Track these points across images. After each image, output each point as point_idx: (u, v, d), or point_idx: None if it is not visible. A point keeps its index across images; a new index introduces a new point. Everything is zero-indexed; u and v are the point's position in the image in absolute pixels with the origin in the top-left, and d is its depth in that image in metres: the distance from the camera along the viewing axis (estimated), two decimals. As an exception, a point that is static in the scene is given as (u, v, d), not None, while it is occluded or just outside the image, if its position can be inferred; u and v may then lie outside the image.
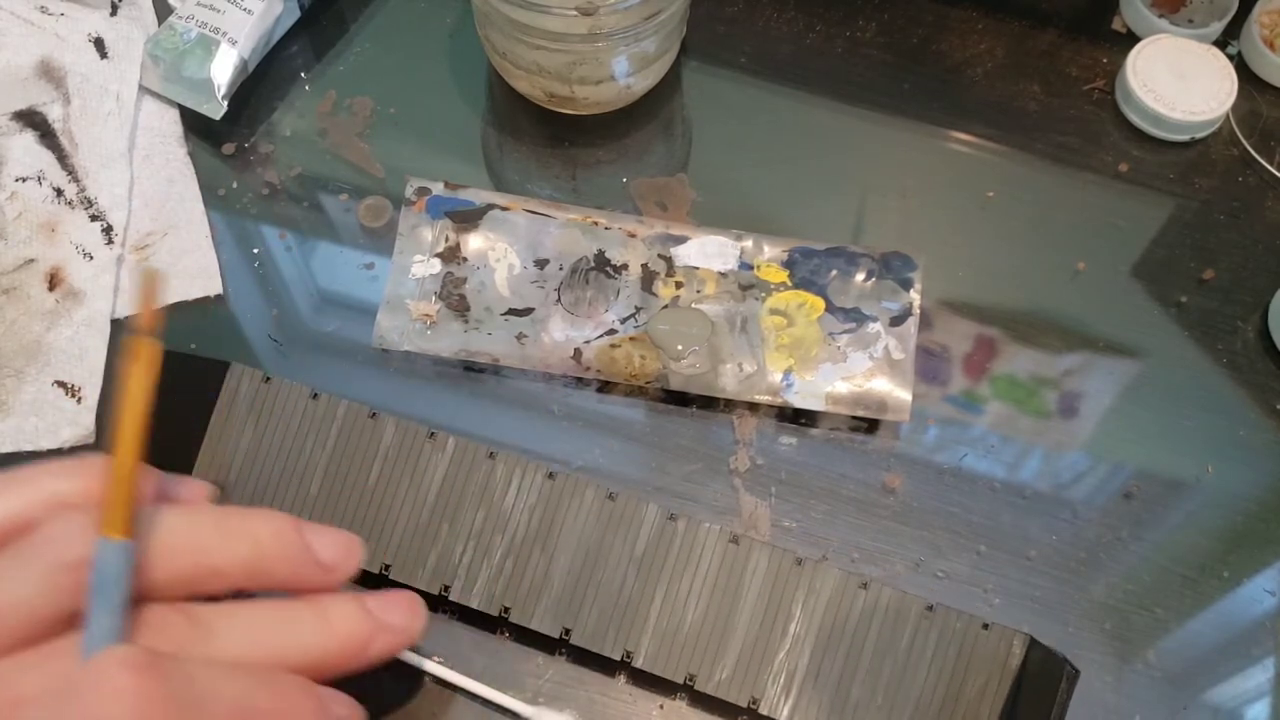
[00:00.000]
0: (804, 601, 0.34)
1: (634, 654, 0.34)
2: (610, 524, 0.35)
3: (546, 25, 0.40)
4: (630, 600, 0.35)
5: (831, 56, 0.48)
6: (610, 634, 0.34)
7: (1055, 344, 0.42)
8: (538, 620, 0.35)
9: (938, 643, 0.34)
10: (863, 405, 0.40)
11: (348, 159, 0.45)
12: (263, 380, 0.36)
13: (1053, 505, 0.39)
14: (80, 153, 0.43)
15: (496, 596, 0.35)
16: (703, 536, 0.35)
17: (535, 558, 0.35)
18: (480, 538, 0.35)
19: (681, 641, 0.34)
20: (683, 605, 0.34)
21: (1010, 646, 0.34)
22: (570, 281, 0.41)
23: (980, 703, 0.33)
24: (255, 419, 0.36)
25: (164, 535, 0.28)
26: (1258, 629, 0.37)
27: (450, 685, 0.35)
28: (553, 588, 0.35)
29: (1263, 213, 0.45)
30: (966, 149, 0.46)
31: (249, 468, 0.36)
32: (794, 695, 0.34)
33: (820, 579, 0.34)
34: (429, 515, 0.35)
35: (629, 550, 0.35)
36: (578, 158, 0.46)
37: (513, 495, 0.36)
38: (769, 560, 0.35)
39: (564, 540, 0.35)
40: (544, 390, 0.41)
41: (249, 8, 0.45)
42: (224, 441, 0.36)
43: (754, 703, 0.34)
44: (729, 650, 0.34)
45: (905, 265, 0.42)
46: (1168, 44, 0.47)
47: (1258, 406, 0.41)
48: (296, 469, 0.36)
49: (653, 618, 0.34)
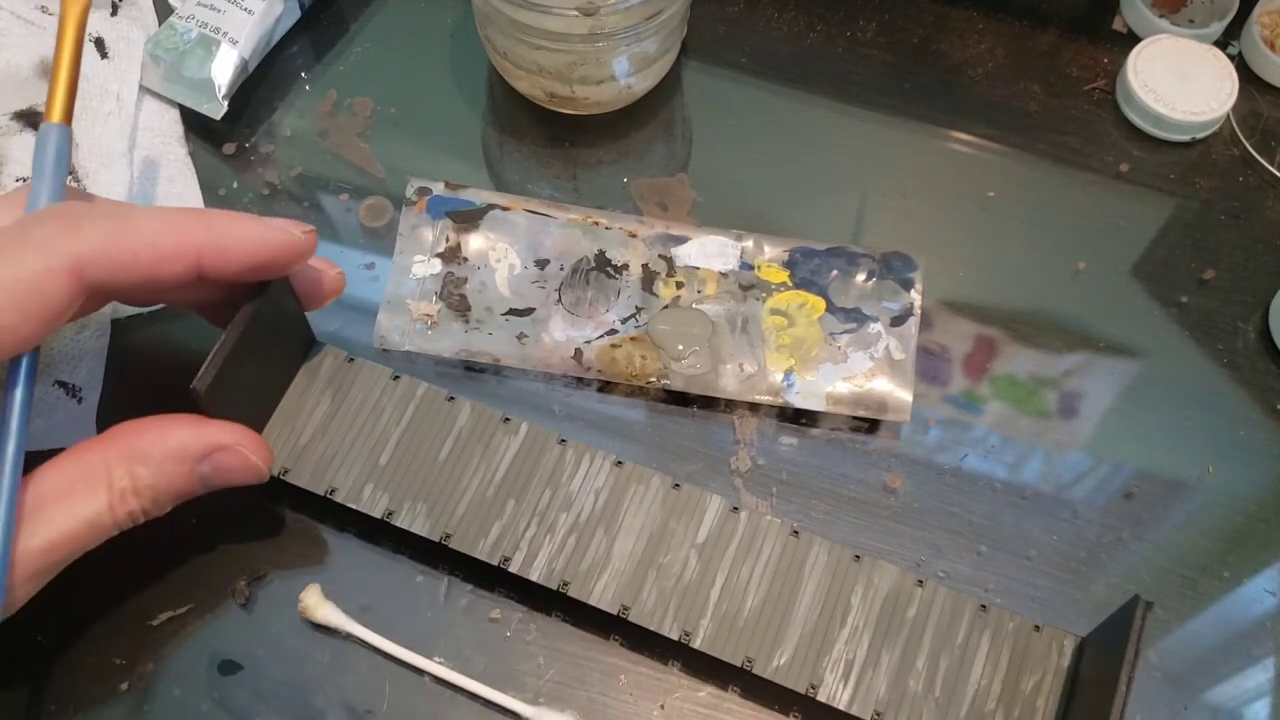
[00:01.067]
0: (862, 594, 0.35)
1: (692, 635, 0.34)
2: (674, 511, 0.36)
3: (547, 25, 0.40)
4: (690, 584, 0.35)
5: (831, 56, 0.48)
6: (669, 614, 0.34)
7: (1055, 344, 0.42)
8: (596, 596, 0.35)
9: (992, 641, 0.34)
10: (863, 405, 0.40)
11: (348, 159, 0.45)
12: (346, 360, 0.37)
13: (1053, 505, 0.39)
14: (80, 153, 0.43)
15: (557, 572, 0.35)
16: (764, 528, 0.35)
17: (598, 537, 0.35)
18: (545, 515, 0.36)
19: (740, 626, 0.34)
20: (742, 592, 0.35)
21: (1062, 646, 0.34)
22: (571, 281, 0.41)
23: (1036, 698, 0.34)
24: (333, 392, 0.37)
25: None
26: (1258, 629, 0.37)
27: (450, 685, 0.35)
28: (613, 567, 0.35)
29: (1263, 213, 0.45)
30: (967, 149, 0.46)
31: (320, 435, 0.36)
32: (852, 684, 0.34)
33: (878, 574, 0.35)
34: (495, 491, 0.36)
35: (691, 537, 0.35)
36: (578, 158, 0.46)
37: (580, 478, 0.36)
38: (828, 554, 0.35)
39: (627, 523, 0.35)
40: (545, 390, 0.41)
41: (249, 8, 0.45)
42: (300, 409, 0.37)
43: (812, 689, 0.34)
44: (787, 638, 0.34)
45: (906, 265, 0.42)
46: (1168, 44, 0.47)
47: (1258, 406, 0.41)
48: (368, 441, 0.36)
49: (712, 602, 0.35)
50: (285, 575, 0.37)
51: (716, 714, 0.35)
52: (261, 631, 0.36)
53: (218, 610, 0.36)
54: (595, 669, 0.36)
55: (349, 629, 0.35)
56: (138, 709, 0.35)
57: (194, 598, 0.36)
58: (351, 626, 0.35)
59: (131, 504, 0.31)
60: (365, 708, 0.35)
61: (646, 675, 0.36)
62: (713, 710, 0.35)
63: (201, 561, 0.37)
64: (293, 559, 0.37)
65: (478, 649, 0.36)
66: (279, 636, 0.36)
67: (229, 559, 0.37)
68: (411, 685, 0.35)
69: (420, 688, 0.35)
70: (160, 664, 0.35)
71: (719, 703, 0.35)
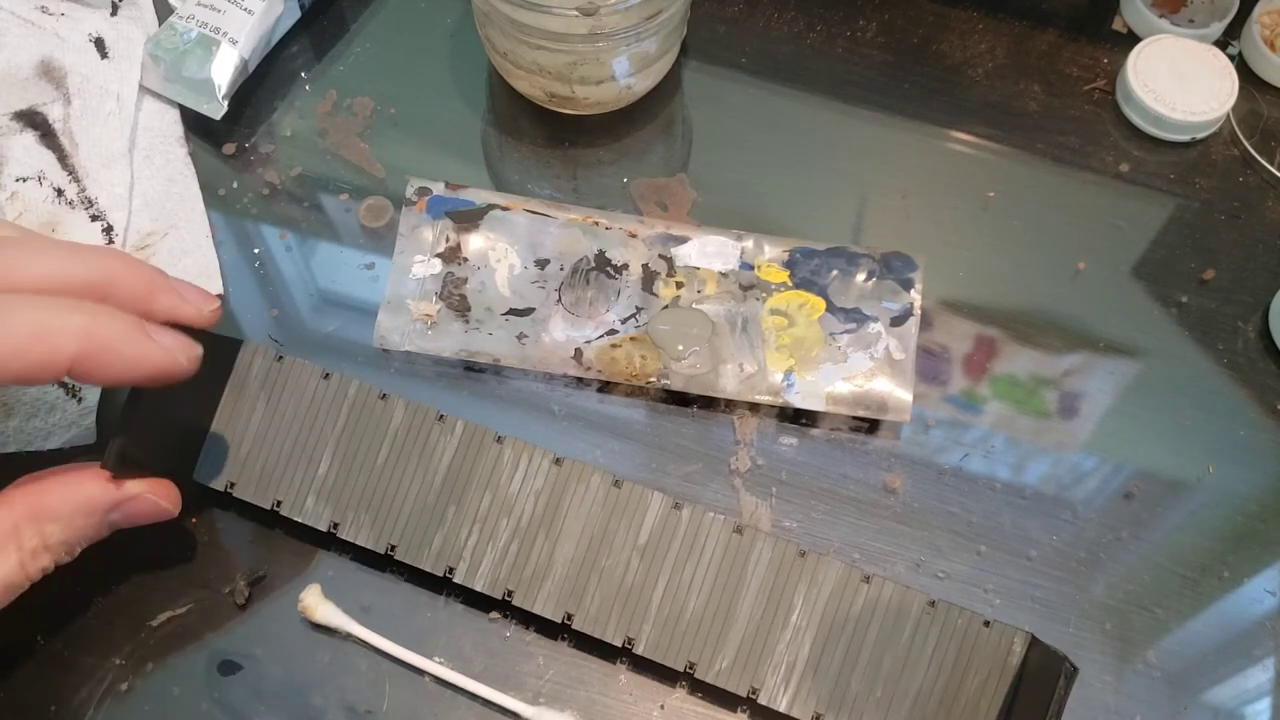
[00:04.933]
0: (806, 593, 0.34)
1: (635, 640, 0.34)
2: (615, 511, 0.35)
3: (547, 25, 0.40)
4: (633, 587, 0.35)
5: (831, 56, 0.48)
6: (612, 620, 0.34)
7: (1055, 344, 0.42)
8: (541, 605, 0.35)
9: (939, 638, 0.34)
10: (863, 405, 0.40)
11: (348, 159, 0.45)
12: (275, 359, 0.37)
13: (1053, 505, 0.39)
14: (81, 153, 0.43)
15: (500, 580, 0.35)
16: (707, 525, 0.35)
17: (540, 543, 0.35)
18: (486, 521, 0.35)
19: (683, 630, 0.34)
20: (685, 593, 0.34)
21: (1011, 644, 0.34)
22: (571, 281, 0.41)
23: (979, 699, 0.33)
24: (267, 396, 0.36)
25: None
26: (1258, 629, 0.37)
27: (450, 685, 0.35)
28: (556, 573, 0.35)
29: (1263, 213, 0.45)
30: (967, 149, 0.46)
31: (260, 445, 0.36)
32: (793, 686, 0.34)
33: (823, 571, 0.34)
34: (436, 497, 0.36)
35: (633, 537, 0.35)
36: (578, 158, 0.46)
37: (519, 480, 0.36)
38: (772, 551, 0.35)
39: (569, 526, 0.35)
40: (545, 390, 0.41)
41: (249, 8, 0.45)
42: (236, 418, 0.36)
43: (753, 692, 0.34)
44: (730, 639, 0.34)
45: (906, 265, 0.42)
46: (1168, 44, 0.47)
47: (1258, 406, 0.41)
48: (306, 447, 0.36)
49: (655, 605, 0.34)
50: (285, 575, 0.37)
51: (716, 714, 0.35)
52: (261, 631, 0.36)
53: (217, 610, 0.36)
54: (595, 669, 0.36)
55: (349, 629, 0.35)
56: (138, 709, 0.35)
57: (194, 598, 0.36)
58: (351, 626, 0.35)
59: (44, 560, 0.31)
60: (365, 708, 0.35)
61: (646, 675, 0.36)
62: (713, 710, 0.35)
63: (201, 561, 0.37)
64: (293, 559, 0.37)
65: (478, 649, 0.36)
66: (279, 636, 0.36)
67: (229, 559, 0.37)
68: (411, 685, 0.35)
69: (420, 688, 0.35)
70: (160, 664, 0.35)
71: (719, 703, 0.35)
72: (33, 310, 0.28)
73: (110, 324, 0.29)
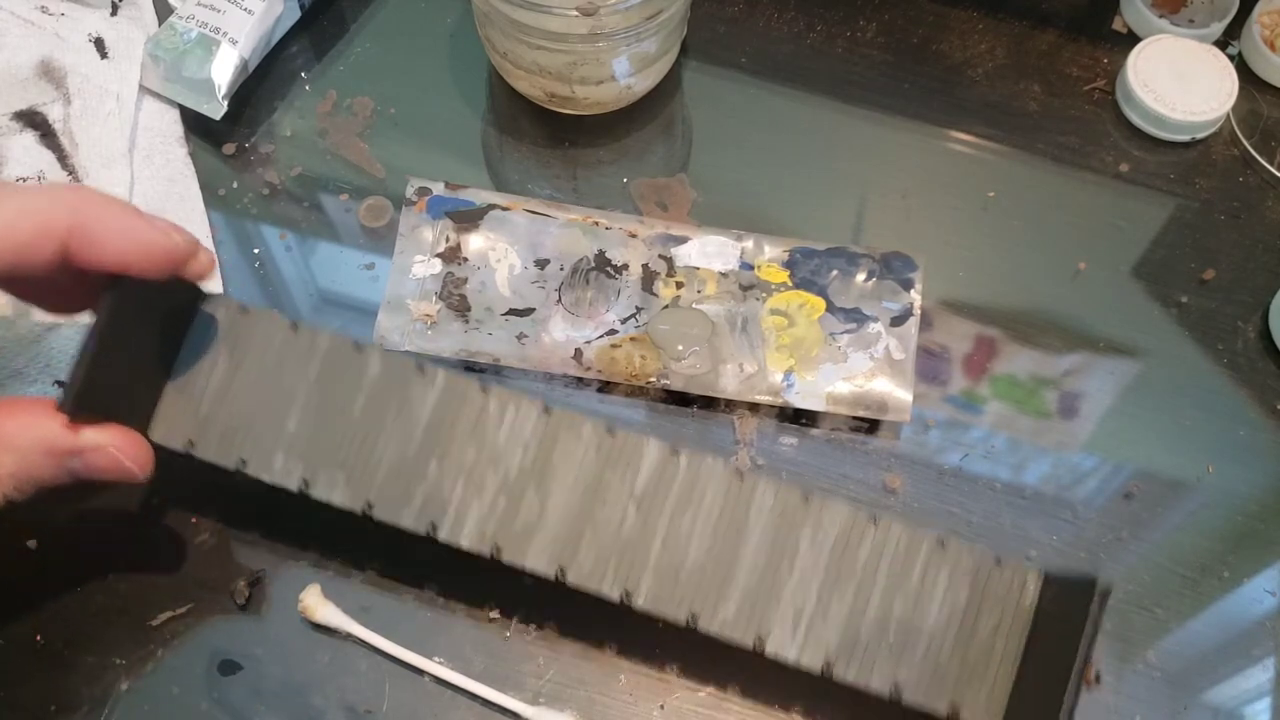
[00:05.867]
0: (811, 538, 0.33)
1: (633, 593, 0.33)
2: (609, 460, 0.34)
3: (547, 25, 0.40)
4: (630, 539, 0.33)
5: (831, 56, 0.48)
6: (609, 574, 0.33)
7: (1055, 344, 0.42)
8: (532, 560, 0.33)
9: (950, 580, 0.32)
10: (863, 405, 0.40)
11: (348, 159, 0.45)
12: (240, 310, 0.34)
13: (1053, 505, 0.39)
14: (80, 153, 0.43)
15: (488, 535, 0.33)
16: (706, 471, 0.33)
17: (530, 495, 0.33)
18: (471, 475, 0.33)
19: (684, 580, 0.33)
20: (685, 543, 0.33)
21: (1025, 583, 0.32)
22: (571, 282, 0.41)
23: (995, 640, 0.32)
24: (230, 348, 0.34)
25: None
26: (1258, 629, 0.37)
27: (450, 685, 0.35)
28: (548, 526, 0.33)
29: (1263, 213, 0.45)
30: (966, 149, 0.46)
31: (222, 400, 0.33)
32: (801, 634, 0.32)
33: (829, 515, 0.33)
34: (416, 451, 0.33)
35: (629, 487, 0.33)
36: (578, 158, 0.46)
37: (506, 431, 0.34)
38: (775, 496, 0.33)
39: (560, 477, 0.33)
40: (544, 390, 0.41)
41: (249, 8, 0.45)
42: (196, 372, 0.34)
43: (759, 642, 0.32)
44: (733, 589, 0.33)
45: (906, 265, 0.42)
46: (1168, 44, 0.47)
47: (1258, 406, 0.41)
48: (274, 402, 0.34)
49: (653, 556, 0.33)
50: (285, 575, 0.37)
51: (716, 714, 0.35)
52: (261, 631, 0.36)
53: (218, 610, 0.36)
54: (595, 669, 0.36)
55: (349, 629, 0.35)
56: (138, 709, 0.35)
57: (194, 598, 0.36)
58: (351, 626, 0.35)
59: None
60: (365, 708, 0.35)
61: (646, 675, 0.36)
62: (713, 710, 0.35)
63: (201, 561, 0.37)
64: (293, 559, 0.37)
65: (478, 649, 0.36)
66: (279, 636, 0.36)
67: (229, 559, 0.37)
68: (411, 685, 0.35)
69: (420, 688, 0.35)
70: (160, 664, 0.35)
71: (719, 703, 0.35)
72: (21, 193, 0.28)
73: (101, 199, 0.29)
